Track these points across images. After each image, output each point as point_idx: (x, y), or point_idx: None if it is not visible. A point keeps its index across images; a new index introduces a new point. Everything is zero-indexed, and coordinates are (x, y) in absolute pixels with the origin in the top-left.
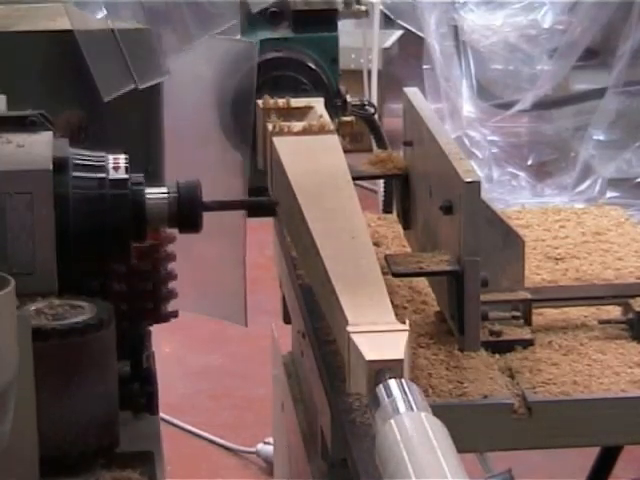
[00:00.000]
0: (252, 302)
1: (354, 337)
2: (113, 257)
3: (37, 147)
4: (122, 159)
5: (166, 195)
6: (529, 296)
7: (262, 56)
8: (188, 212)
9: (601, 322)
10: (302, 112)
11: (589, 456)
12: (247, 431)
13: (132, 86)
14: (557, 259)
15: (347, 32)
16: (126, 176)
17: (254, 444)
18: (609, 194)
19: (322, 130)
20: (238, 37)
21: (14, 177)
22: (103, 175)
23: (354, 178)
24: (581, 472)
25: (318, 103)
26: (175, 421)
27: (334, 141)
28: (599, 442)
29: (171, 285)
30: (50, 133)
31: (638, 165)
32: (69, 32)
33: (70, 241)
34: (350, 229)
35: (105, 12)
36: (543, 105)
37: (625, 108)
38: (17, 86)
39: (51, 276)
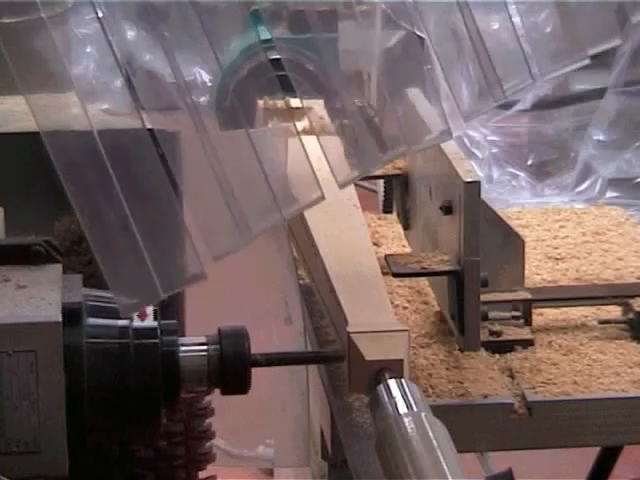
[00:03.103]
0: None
1: (354, 337)
2: (138, 425)
3: (42, 289)
4: None
5: (205, 347)
6: (529, 296)
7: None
8: (233, 370)
9: (601, 322)
10: (302, 113)
11: (589, 456)
12: (247, 432)
13: (157, 299)
14: (557, 259)
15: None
16: (154, 323)
17: (254, 445)
18: (609, 194)
19: (322, 131)
20: None
21: (13, 332)
22: (126, 322)
23: None
24: (581, 472)
25: (318, 104)
26: None
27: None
28: (599, 442)
29: (208, 445)
30: (59, 267)
31: (638, 165)
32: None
33: (84, 409)
34: (350, 229)
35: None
36: (543, 105)
37: (625, 108)
38: (9, 191)
39: (60, 455)
